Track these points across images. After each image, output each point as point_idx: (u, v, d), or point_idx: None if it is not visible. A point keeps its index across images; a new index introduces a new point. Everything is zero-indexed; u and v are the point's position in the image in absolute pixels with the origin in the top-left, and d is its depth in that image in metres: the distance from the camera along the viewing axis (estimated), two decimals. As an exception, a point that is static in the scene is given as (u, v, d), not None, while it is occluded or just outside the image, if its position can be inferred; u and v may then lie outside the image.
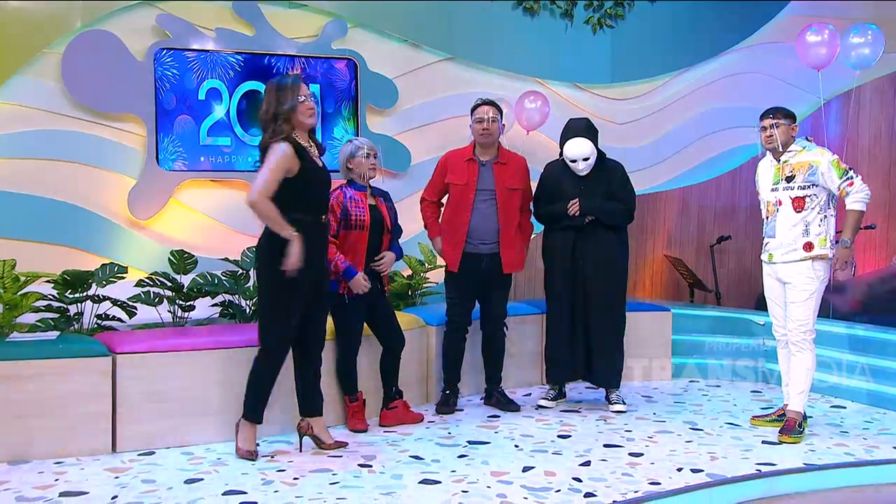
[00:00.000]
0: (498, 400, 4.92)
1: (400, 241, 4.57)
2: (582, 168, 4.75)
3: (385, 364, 4.53)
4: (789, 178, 4.26)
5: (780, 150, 4.29)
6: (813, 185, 4.20)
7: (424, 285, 5.79)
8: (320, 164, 3.83)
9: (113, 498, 3.29)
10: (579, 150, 4.73)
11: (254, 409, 3.83)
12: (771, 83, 7.46)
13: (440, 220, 4.88)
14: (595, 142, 4.80)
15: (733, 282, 7.53)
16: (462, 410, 4.83)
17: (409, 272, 5.83)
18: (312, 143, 3.85)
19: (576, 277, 4.82)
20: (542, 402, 4.97)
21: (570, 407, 4.95)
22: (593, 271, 4.78)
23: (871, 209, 7.55)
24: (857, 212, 4.14)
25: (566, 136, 4.81)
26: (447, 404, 4.80)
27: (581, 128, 4.81)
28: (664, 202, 7.39)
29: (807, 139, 4.35)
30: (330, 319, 4.22)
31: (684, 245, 7.50)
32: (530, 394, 5.29)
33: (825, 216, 4.21)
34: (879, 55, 6.40)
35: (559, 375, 4.99)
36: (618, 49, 7.10)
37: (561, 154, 4.84)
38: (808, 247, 4.19)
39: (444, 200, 4.90)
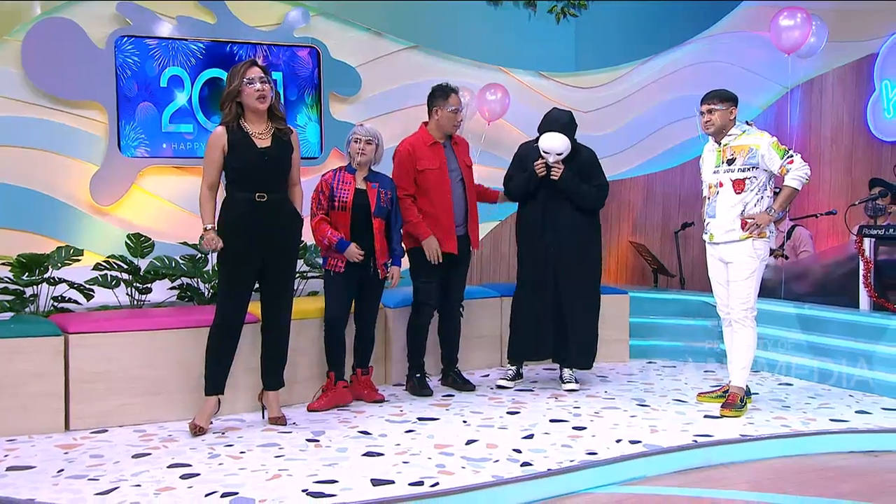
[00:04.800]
0: (454, 380, 5.00)
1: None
2: (552, 161, 4.81)
3: (355, 340, 4.66)
4: (730, 161, 4.36)
5: (718, 134, 4.40)
6: (753, 167, 4.31)
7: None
8: (261, 146, 3.91)
9: (59, 471, 3.36)
10: (553, 145, 4.77)
11: (206, 381, 3.95)
12: (734, 72, 7.54)
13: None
14: (572, 136, 4.85)
15: (697, 267, 7.58)
16: (417, 390, 4.91)
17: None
18: (272, 126, 3.95)
19: (548, 258, 4.87)
20: (501, 382, 5.04)
21: (526, 386, 5.05)
22: (567, 254, 4.84)
23: (833, 195, 7.75)
24: (792, 188, 4.24)
25: (547, 127, 4.85)
26: (427, 386, 4.84)
27: (562, 122, 4.84)
28: (629, 189, 7.48)
29: (747, 123, 4.46)
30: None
31: (649, 231, 7.59)
32: (488, 374, 5.38)
33: (762, 197, 4.32)
34: (822, 45, 6.60)
35: (523, 353, 5.05)
36: (582, 38, 7.17)
37: (537, 140, 4.89)
38: (744, 224, 4.29)
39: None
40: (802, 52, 6.60)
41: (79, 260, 4.76)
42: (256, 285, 4.04)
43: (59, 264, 4.64)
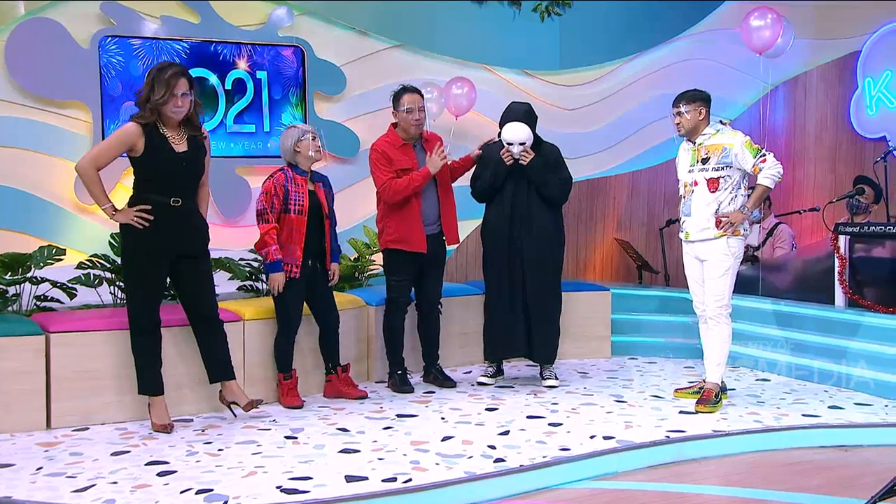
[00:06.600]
0: (435, 377, 5.05)
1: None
2: (517, 151, 4.87)
3: (322, 342, 4.68)
4: (704, 160, 4.42)
5: (691, 134, 4.46)
6: (726, 166, 4.37)
7: (370, 267, 5.91)
8: (179, 150, 3.91)
9: (38, 469, 3.40)
10: (516, 135, 4.84)
11: (142, 383, 3.99)
12: (718, 69, 7.60)
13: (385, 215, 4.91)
14: (533, 127, 4.92)
15: (682, 264, 7.65)
16: (399, 387, 4.96)
17: (356, 255, 5.95)
18: (184, 130, 3.96)
19: (514, 257, 4.92)
20: (482, 380, 5.09)
21: (506, 383, 5.09)
22: (532, 251, 4.90)
23: (817, 193, 7.80)
24: (764, 187, 4.31)
25: (506, 118, 4.93)
26: (408, 383, 4.89)
27: (521, 112, 4.93)
28: (614, 186, 7.52)
29: (721, 122, 4.52)
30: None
31: (634, 228, 7.63)
32: (471, 371, 5.43)
33: (735, 195, 4.38)
34: (790, 44, 6.68)
35: (500, 352, 5.10)
36: (566, 36, 7.21)
37: (499, 135, 4.96)
38: (718, 222, 4.35)
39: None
40: (770, 52, 6.65)
41: (61, 259, 4.80)
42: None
43: (41, 263, 4.68)
